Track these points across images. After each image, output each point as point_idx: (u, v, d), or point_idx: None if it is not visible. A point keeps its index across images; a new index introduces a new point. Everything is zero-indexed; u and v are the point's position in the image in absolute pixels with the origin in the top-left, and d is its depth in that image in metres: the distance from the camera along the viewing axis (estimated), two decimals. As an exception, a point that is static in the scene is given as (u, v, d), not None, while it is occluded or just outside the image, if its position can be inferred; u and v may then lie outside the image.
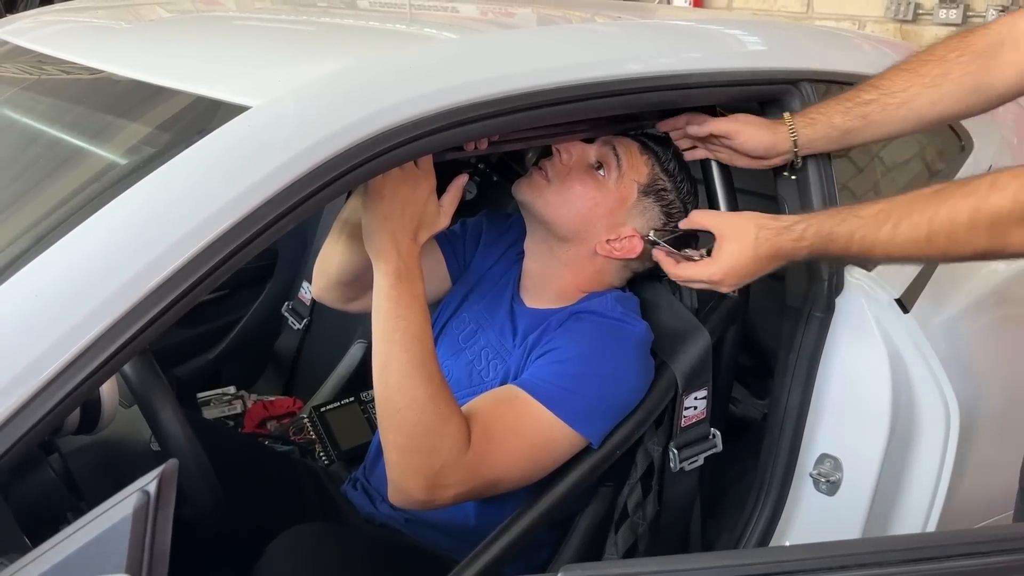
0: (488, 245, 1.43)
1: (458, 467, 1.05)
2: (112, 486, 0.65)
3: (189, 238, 0.79)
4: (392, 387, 1.04)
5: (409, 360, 1.04)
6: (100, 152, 1.03)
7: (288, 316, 2.04)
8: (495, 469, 1.09)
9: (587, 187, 1.24)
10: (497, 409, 1.13)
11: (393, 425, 1.04)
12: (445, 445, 1.04)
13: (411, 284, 1.05)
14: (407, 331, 1.04)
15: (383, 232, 1.04)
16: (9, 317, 0.75)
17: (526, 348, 1.24)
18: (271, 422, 1.80)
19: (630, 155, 1.26)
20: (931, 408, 1.37)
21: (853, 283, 1.33)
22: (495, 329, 1.31)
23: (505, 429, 1.10)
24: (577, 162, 1.25)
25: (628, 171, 1.25)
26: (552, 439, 1.13)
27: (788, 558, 0.68)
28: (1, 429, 0.70)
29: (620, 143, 1.26)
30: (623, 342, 1.21)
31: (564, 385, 1.14)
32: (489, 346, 1.30)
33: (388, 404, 1.04)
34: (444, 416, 1.04)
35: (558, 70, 1.05)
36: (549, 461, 1.14)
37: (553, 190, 1.24)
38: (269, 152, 0.85)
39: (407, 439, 1.03)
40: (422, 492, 1.04)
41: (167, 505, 0.59)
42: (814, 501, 1.37)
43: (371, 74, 0.97)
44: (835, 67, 1.42)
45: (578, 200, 1.24)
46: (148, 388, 1.13)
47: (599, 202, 1.24)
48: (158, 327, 0.78)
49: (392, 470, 1.06)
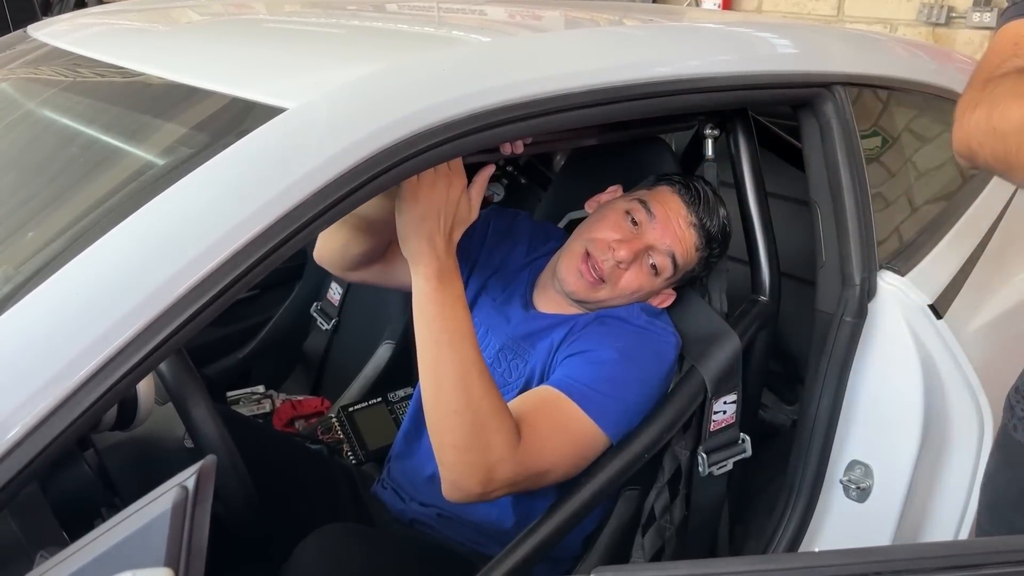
0: (494, 246, 1.43)
1: (511, 461, 1.07)
2: (146, 482, 0.66)
3: (225, 239, 0.80)
4: (447, 389, 1.04)
5: (461, 361, 1.04)
6: (137, 153, 1.05)
7: (317, 316, 2.06)
8: (543, 463, 1.11)
9: (640, 282, 1.27)
10: (542, 408, 1.15)
11: (448, 426, 1.05)
12: (499, 441, 1.05)
13: (452, 285, 1.06)
14: (456, 332, 1.05)
15: (419, 236, 1.05)
16: (49, 315, 0.76)
17: (551, 348, 1.25)
18: (299, 421, 1.81)
19: (687, 256, 1.28)
20: (964, 415, 1.35)
21: (886, 288, 1.32)
22: (509, 332, 1.32)
23: (551, 427, 1.13)
24: (634, 265, 1.26)
25: (682, 269, 1.29)
26: (588, 439, 1.16)
27: (822, 563, 0.67)
28: (42, 425, 0.71)
29: (680, 247, 1.26)
30: (652, 348, 1.24)
31: (599, 388, 1.16)
32: (505, 348, 1.31)
33: (442, 406, 1.05)
34: (498, 413, 1.06)
35: (588, 73, 1.05)
36: (585, 460, 1.17)
37: (605, 291, 1.27)
38: (304, 155, 0.86)
39: (464, 438, 1.04)
40: (479, 486, 1.06)
41: (205, 500, 0.59)
42: (844, 508, 1.36)
43: (403, 78, 0.98)
44: (869, 71, 1.41)
45: (628, 291, 1.27)
46: (183, 386, 1.14)
47: (649, 290, 1.29)
48: (193, 327, 0.79)
49: (448, 470, 1.07)
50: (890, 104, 1.54)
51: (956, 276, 1.44)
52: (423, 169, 0.96)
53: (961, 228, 1.55)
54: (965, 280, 1.43)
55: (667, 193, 1.29)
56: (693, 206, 1.27)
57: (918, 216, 1.54)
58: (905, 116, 1.60)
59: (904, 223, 1.50)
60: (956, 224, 1.55)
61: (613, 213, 1.28)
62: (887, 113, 1.55)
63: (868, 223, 1.30)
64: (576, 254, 1.27)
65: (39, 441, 0.71)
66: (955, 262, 1.47)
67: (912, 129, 1.63)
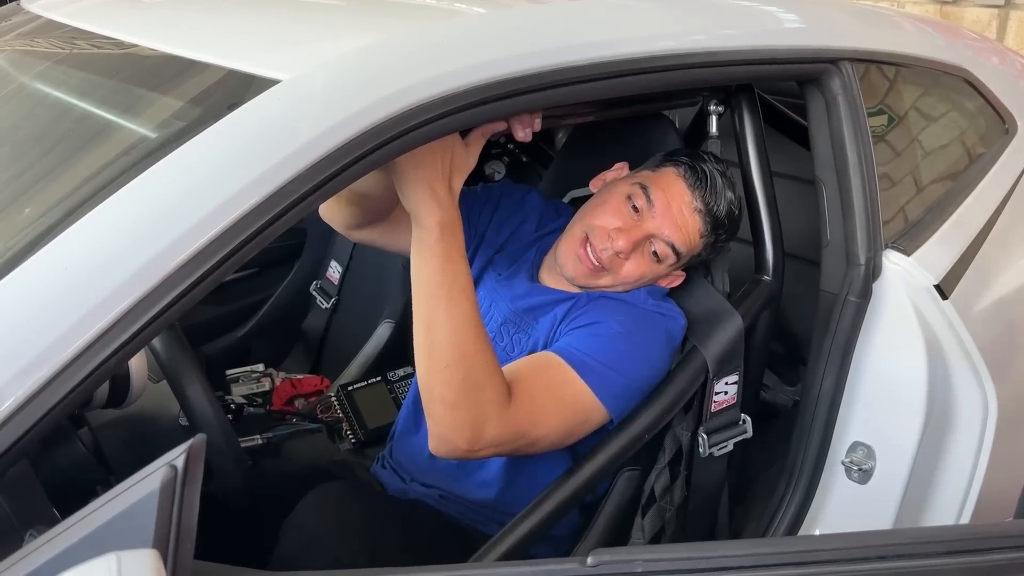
0: (502, 221, 1.41)
1: (500, 421, 1.05)
2: (141, 460, 0.64)
3: (218, 213, 0.78)
4: (440, 343, 1.03)
5: (458, 315, 1.02)
6: (130, 126, 1.03)
7: (316, 295, 2.04)
8: (533, 427, 1.10)
9: (643, 270, 1.25)
10: (537, 372, 1.14)
11: (440, 380, 1.03)
12: (489, 399, 1.04)
13: (455, 236, 1.03)
14: (454, 285, 1.03)
15: (419, 183, 1.01)
16: (39, 289, 0.75)
17: (554, 322, 1.24)
18: (299, 400, 1.80)
19: (689, 244, 1.24)
20: (968, 397, 1.34)
21: (891, 268, 1.30)
22: (512, 305, 1.30)
23: (545, 391, 1.12)
24: (635, 254, 1.23)
25: (686, 256, 1.25)
26: (585, 409, 1.15)
27: (825, 547, 0.66)
28: (31, 401, 0.70)
29: (681, 235, 1.23)
30: (658, 326, 1.22)
31: (602, 360, 1.15)
32: (508, 322, 1.29)
33: (435, 361, 1.03)
34: (490, 370, 1.05)
35: (589, 46, 1.03)
36: (580, 430, 1.16)
37: (607, 278, 1.25)
38: (298, 128, 0.84)
39: (455, 393, 1.03)
40: (466, 443, 1.05)
41: (195, 480, 0.58)
42: (845, 489, 1.35)
43: (400, 50, 0.96)
44: (877, 47, 1.39)
45: (632, 279, 1.25)
46: (177, 363, 1.13)
47: (653, 276, 1.27)
48: (186, 302, 0.78)
49: (436, 424, 1.06)
50: (897, 82, 1.51)
51: (962, 256, 1.42)
52: (420, 144, 0.93)
53: (967, 208, 1.53)
54: (971, 260, 1.41)
55: (671, 176, 1.24)
56: (698, 190, 1.23)
57: (924, 196, 1.52)
58: (912, 94, 1.58)
59: (910, 202, 1.48)
60: (962, 204, 1.53)
61: (614, 198, 1.25)
62: (894, 91, 1.52)
63: (874, 202, 1.28)
64: (576, 238, 1.25)
65: (28, 418, 0.70)
66: (961, 242, 1.46)
67: (919, 108, 1.61)
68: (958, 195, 1.56)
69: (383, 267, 1.93)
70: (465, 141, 1.06)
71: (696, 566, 0.65)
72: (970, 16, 3.71)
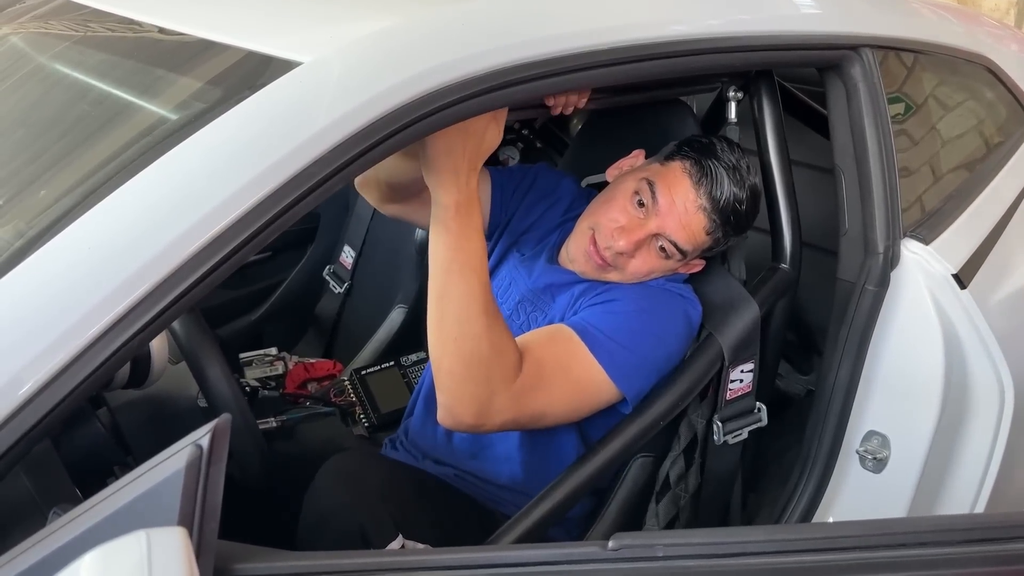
0: (533, 202, 1.42)
1: (507, 396, 1.07)
2: (159, 441, 0.65)
3: (239, 195, 0.78)
4: (449, 318, 1.05)
5: (467, 291, 1.04)
6: (149, 107, 1.03)
7: (330, 280, 2.05)
8: (541, 403, 1.11)
9: (651, 266, 1.24)
10: (550, 346, 1.15)
11: (448, 352, 1.05)
12: (497, 375, 1.06)
13: (470, 216, 1.05)
14: (466, 263, 1.04)
15: (445, 167, 1.03)
16: (61, 271, 0.75)
17: (571, 300, 1.24)
18: (312, 384, 1.81)
19: (693, 242, 1.23)
20: (985, 387, 1.33)
21: (909, 257, 1.29)
22: (530, 284, 1.31)
23: (555, 366, 1.13)
24: (641, 251, 1.23)
25: (691, 253, 1.25)
26: (595, 386, 1.15)
27: (845, 533, 0.66)
28: (53, 382, 0.70)
29: (684, 234, 1.21)
30: (675, 308, 1.23)
31: (615, 337, 1.15)
32: (525, 301, 1.30)
33: (444, 334, 1.05)
34: (498, 347, 1.06)
35: (607, 31, 1.02)
36: (588, 407, 1.16)
37: (615, 274, 1.25)
38: (318, 111, 0.84)
39: (462, 368, 1.05)
40: (472, 417, 1.07)
41: (219, 460, 0.58)
42: (860, 478, 1.35)
43: (420, 33, 0.95)
44: (898, 33, 1.37)
45: (639, 275, 1.25)
46: (197, 345, 1.13)
47: (663, 270, 1.26)
48: (207, 285, 0.78)
49: (444, 395, 1.07)
50: (915, 69, 1.50)
51: (981, 246, 1.41)
52: (440, 128, 0.93)
53: (986, 197, 1.52)
54: (990, 250, 1.40)
55: (677, 172, 1.23)
56: (704, 187, 1.20)
57: (942, 185, 1.51)
58: (931, 82, 1.57)
59: (928, 191, 1.47)
60: (982, 193, 1.52)
61: (620, 195, 1.24)
62: (912, 78, 1.51)
63: (893, 190, 1.27)
64: (585, 235, 1.25)
65: (51, 398, 0.70)
66: (980, 232, 1.45)
67: (937, 96, 1.59)
68: (977, 184, 1.55)
69: (396, 253, 1.93)
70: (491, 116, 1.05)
71: (716, 551, 0.65)
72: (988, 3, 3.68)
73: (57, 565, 0.52)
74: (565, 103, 1.11)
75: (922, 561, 0.67)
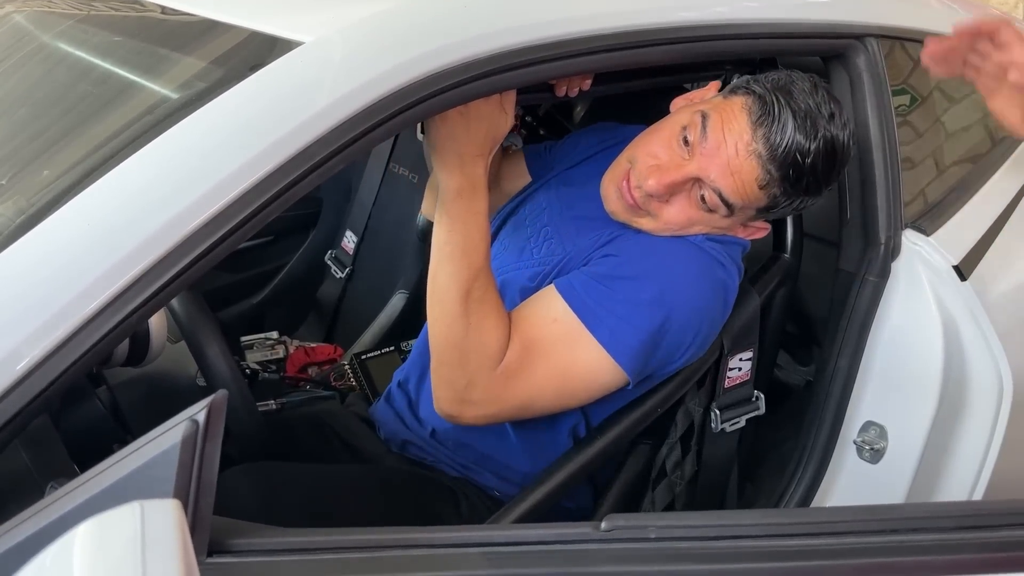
0: (585, 147, 1.35)
1: (485, 385, 1.04)
2: (158, 419, 0.65)
3: (239, 174, 0.78)
4: (434, 298, 1.05)
5: (452, 274, 1.03)
6: (151, 86, 1.03)
7: (331, 264, 2.05)
8: (523, 391, 1.06)
9: (690, 216, 1.09)
10: (540, 326, 1.06)
11: (434, 332, 1.06)
12: (472, 361, 1.03)
13: (471, 201, 1.03)
14: (457, 246, 1.03)
15: (449, 151, 1.02)
16: (60, 247, 0.75)
17: (596, 241, 1.15)
18: (312, 368, 1.81)
19: (742, 193, 1.06)
20: (983, 380, 1.33)
21: (910, 248, 1.29)
22: (563, 211, 1.24)
23: (540, 352, 1.05)
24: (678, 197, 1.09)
25: (741, 210, 1.09)
26: (594, 372, 1.06)
27: (838, 518, 0.67)
28: (51, 358, 0.71)
29: (731, 182, 1.05)
30: (707, 270, 1.10)
31: (617, 312, 1.05)
32: (551, 225, 1.23)
33: (432, 312, 1.06)
34: (475, 333, 1.03)
35: (611, 15, 1.02)
36: (584, 394, 1.09)
37: (647, 221, 1.12)
38: (319, 91, 0.84)
39: (440, 349, 1.05)
40: (449, 404, 1.06)
41: (216, 435, 0.59)
42: (857, 469, 1.35)
43: (423, 14, 0.95)
44: (903, 23, 1.37)
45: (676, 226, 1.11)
46: (196, 324, 1.14)
47: (709, 226, 1.11)
48: (206, 263, 0.78)
49: (431, 378, 1.08)
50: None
51: (982, 239, 1.41)
52: (441, 110, 0.93)
53: (989, 190, 1.51)
54: (991, 243, 1.40)
55: (736, 108, 1.06)
56: (762, 127, 1.03)
57: (945, 177, 1.51)
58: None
59: (931, 183, 1.47)
60: (984, 186, 1.51)
61: (669, 127, 1.10)
62: (918, 70, 1.50)
63: (896, 180, 1.27)
64: (620, 168, 1.12)
65: (49, 373, 0.71)
66: (981, 225, 1.45)
67: (942, 88, 1.59)
68: (979, 177, 1.55)
69: (398, 238, 1.93)
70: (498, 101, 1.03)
71: (708, 533, 0.66)
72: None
73: (53, 536, 0.52)
74: (569, 83, 1.09)
75: (915, 547, 0.67)
